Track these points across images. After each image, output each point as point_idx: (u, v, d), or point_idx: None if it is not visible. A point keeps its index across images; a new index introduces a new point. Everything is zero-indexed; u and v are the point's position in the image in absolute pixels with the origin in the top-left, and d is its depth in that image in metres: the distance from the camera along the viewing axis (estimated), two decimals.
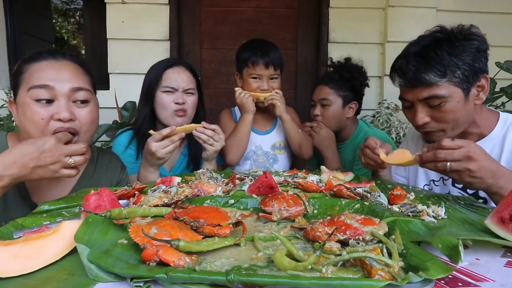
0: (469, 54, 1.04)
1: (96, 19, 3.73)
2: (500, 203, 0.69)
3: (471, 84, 1.07)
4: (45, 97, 0.97)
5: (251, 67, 1.63)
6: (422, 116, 1.10)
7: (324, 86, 1.76)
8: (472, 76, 1.06)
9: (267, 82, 1.64)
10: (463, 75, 1.04)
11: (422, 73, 1.05)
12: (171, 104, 1.42)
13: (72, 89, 1.00)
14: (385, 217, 0.71)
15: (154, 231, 0.57)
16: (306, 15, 2.64)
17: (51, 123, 0.98)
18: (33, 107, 0.96)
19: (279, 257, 0.50)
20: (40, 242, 0.57)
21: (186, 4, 2.57)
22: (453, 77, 1.04)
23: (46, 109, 0.97)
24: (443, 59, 1.04)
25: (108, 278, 0.49)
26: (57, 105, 0.98)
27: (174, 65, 1.47)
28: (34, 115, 0.96)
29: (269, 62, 1.60)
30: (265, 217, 0.75)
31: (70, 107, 1.00)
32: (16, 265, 0.52)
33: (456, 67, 1.04)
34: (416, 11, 2.49)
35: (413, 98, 1.11)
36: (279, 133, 1.77)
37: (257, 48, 1.63)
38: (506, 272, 0.53)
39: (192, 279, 0.46)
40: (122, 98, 2.20)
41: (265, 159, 1.71)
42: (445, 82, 1.04)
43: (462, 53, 1.04)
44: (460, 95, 1.06)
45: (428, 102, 1.08)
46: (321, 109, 1.75)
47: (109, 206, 0.73)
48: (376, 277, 0.46)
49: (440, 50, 1.05)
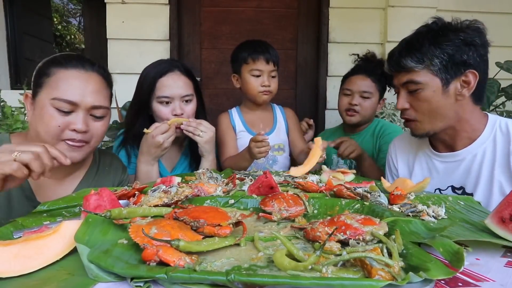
0: (452, 45, 1.04)
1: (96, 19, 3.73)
2: (500, 203, 0.69)
3: (452, 76, 1.06)
4: (66, 110, 0.99)
5: (251, 63, 1.62)
6: (402, 102, 1.14)
7: (366, 78, 1.71)
8: (453, 67, 1.05)
9: (268, 78, 1.64)
10: (441, 65, 1.05)
11: (402, 58, 1.10)
12: (169, 115, 1.37)
13: (93, 106, 1.02)
14: (385, 217, 0.71)
15: (154, 231, 0.57)
16: (306, 15, 2.64)
17: (66, 132, 1.00)
18: (52, 113, 0.98)
19: (279, 257, 0.50)
20: (40, 242, 0.57)
21: (186, 4, 2.57)
22: (431, 65, 1.06)
23: (64, 118, 0.99)
24: (423, 46, 1.07)
25: (108, 278, 0.49)
26: (75, 116, 1.00)
27: (168, 71, 1.38)
28: (52, 121, 0.97)
29: (269, 58, 1.61)
30: (265, 217, 0.75)
31: (87, 120, 1.02)
32: (16, 265, 0.52)
33: (434, 55, 1.05)
34: (416, 11, 2.49)
35: (397, 83, 1.16)
36: (278, 135, 1.76)
37: (256, 45, 1.64)
38: (506, 272, 0.53)
39: (192, 279, 0.46)
40: (122, 98, 2.19)
41: (264, 160, 1.70)
42: (423, 69, 1.07)
43: (443, 43, 1.05)
44: (437, 85, 1.07)
45: (407, 87, 1.12)
46: (360, 99, 1.71)
47: (109, 206, 0.73)
48: (376, 277, 0.46)
49: (423, 38, 1.08)
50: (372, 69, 1.72)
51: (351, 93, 1.72)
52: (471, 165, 1.13)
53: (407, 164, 1.33)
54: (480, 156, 1.12)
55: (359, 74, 1.73)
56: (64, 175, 1.11)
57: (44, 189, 1.07)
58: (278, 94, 2.56)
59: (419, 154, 1.28)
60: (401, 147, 1.36)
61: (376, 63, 1.75)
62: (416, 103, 1.11)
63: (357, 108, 1.70)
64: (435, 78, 1.07)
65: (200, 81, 2.63)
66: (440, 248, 0.54)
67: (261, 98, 1.67)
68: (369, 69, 1.72)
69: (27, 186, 1.03)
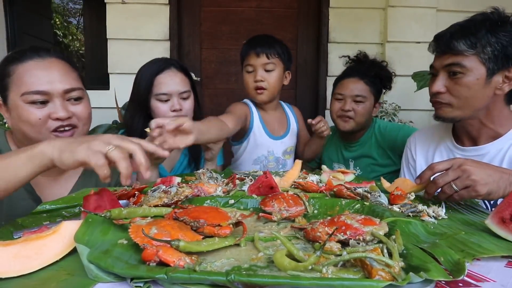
0: (508, 36, 1.03)
1: (96, 19, 3.73)
2: (501, 203, 0.69)
3: (498, 67, 1.05)
4: (39, 100, 0.97)
5: (245, 60, 1.55)
6: (439, 84, 1.11)
7: (359, 81, 1.61)
8: (502, 59, 1.04)
9: (260, 72, 1.50)
10: (492, 54, 1.03)
11: (454, 39, 1.06)
12: (168, 112, 1.37)
13: (65, 90, 1.00)
14: (385, 217, 0.71)
15: (154, 231, 0.57)
16: (306, 15, 2.64)
17: (50, 123, 0.98)
18: (28, 109, 0.96)
19: (279, 258, 0.50)
20: (40, 242, 0.57)
21: (186, 4, 2.57)
22: (482, 52, 1.04)
23: (41, 110, 0.97)
24: (478, 31, 1.04)
25: (108, 278, 0.49)
26: (52, 105, 0.99)
27: (165, 69, 1.38)
28: (31, 116, 0.96)
29: (260, 50, 1.49)
30: (265, 217, 0.75)
31: (65, 105, 1.01)
32: (16, 265, 0.52)
33: (488, 43, 1.03)
34: (416, 11, 2.49)
35: (439, 65, 1.12)
36: (292, 137, 1.68)
37: (251, 40, 1.56)
38: (507, 272, 0.53)
39: (192, 279, 0.46)
40: (122, 98, 2.19)
41: (275, 165, 1.63)
42: (472, 55, 1.05)
43: (499, 32, 1.03)
44: (482, 73, 1.05)
45: (450, 69, 1.09)
46: (353, 104, 1.60)
47: (109, 206, 0.73)
48: (377, 277, 0.46)
49: (480, 24, 1.06)
50: (364, 71, 1.62)
51: (343, 98, 1.62)
52: (492, 160, 1.11)
53: (426, 157, 1.31)
54: (503, 152, 1.10)
55: (351, 77, 1.63)
56: (59, 172, 1.10)
57: (39, 187, 1.06)
58: None
59: (440, 148, 1.27)
60: (422, 140, 1.35)
61: (369, 64, 1.66)
62: (455, 87, 1.09)
63: (351, 114, 1.60)
64: (481, 66, 1.05)
65: (200, 81, 2.64)
66: (441, 257, 0.54)
67: (257, 97, 1.56)
68: (362, 71, 1.63)
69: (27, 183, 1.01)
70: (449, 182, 0.81)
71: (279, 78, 1.54)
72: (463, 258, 0.52)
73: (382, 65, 1.68)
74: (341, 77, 1.68)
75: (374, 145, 1.69)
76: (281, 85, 1.59)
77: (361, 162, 1.72)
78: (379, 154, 1.68)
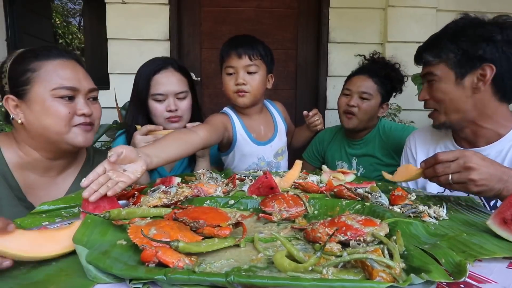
0: (469, 40, 1.08)
1: (96, 19, 3.73)
2: (502, 203, 0.69)
3: (467, 70, 1.09)
4: (68, 95, 1.03)
5: (225, 61, 1.45)
6: (424, 93, 1.21)
7: (367, 78, 1.64)
8: (467, 62, 1.08)
9: (242, 75, 1.40)
10: (456, 59, 1.10)
11: (424, 52, 1.17)
12: (164, 112, 1.37)
13: (90, 89, 1.08)
14: (386, 218, 0.71)
15: (153, 232, 0.56)
16: (306, 15, 2.64)
17: (75, 118, 1.04)
18: (57, 104, 1.01)
19: (279, 258, 0.50)
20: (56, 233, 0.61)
21: (186, 4, 2.57)
22: (448, 59, 1.11)
23: (69, 106, 1.03)
24: (441, 41, 1.13)
25: (106, 279, 0.49)
26: (77, 102, 1.05)
27: (162, 69, 1.37)
28: (60, 109, 1.01)
29: (242, 52, 1.39)
30: (265, 218, 0.75)
31: (88, 104, 1.07)
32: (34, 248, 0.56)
33: (450, 50, 1.10)
34: (416, 11, 2.49)
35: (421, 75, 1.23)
36: (281, 137, 1.60)
37: (232, 40, 1.48)
38: (508, 273, 0.53)
39: (191, 280, 0.46)
40: (122, 98, 2.19)
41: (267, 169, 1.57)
42: (440, 63, 1.13)
43: (460, 38, 1.09)
44: (451, 78, 1.11)
45: (426, 78, 1.18)
46: (358, 100, 1.63)
47: (108, 207, 0.73)
48: (377, 278, 0.46)
49: (443, 34, 1.14)
50: (375, 70, 1.65)
51: (350, 93, 1.65)
52: None
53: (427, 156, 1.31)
54: (504, 153, 1.10)
55: (361, 75, 1.67)
56: (56, 173, 1.10)
57: (35, 189, 1.06)
58: (278, 94, 2.59)
59: (441, 148, 1.27)
60: (421, 139, 1.36)
61: (381, 64, 1.69)
62: (434, 94, 1.17)
63: (355, 110, 1.62)
64: (450, 71, 1.11)
65: (200, 81, 2.64)
66: (442, 258, 0.53)
67: (237, 101, 1.45)
68: (373, 70, 1.66)
69: (15, 185, 1.01)
70: (448, 174, 0.84)
71: (262, 81, 1.46)
72: (465, 259, 0.52)
73: (394, 66, 1.70)
74: (352, 74, 1.73)
75: (378, 145, 1.71)
76: (264, 89, 1.49)
77: (364, 161, 1.74)
78: (382, 154, 1.70)
